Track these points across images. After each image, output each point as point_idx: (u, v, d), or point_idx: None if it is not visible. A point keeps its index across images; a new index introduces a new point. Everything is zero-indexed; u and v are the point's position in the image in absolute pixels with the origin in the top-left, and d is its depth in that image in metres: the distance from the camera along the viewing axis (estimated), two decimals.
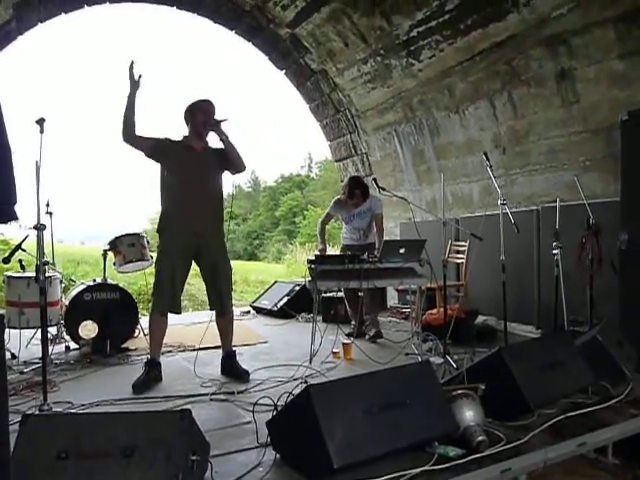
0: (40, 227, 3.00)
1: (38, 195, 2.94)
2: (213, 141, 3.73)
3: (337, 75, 7.05)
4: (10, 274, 4.48)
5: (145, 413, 2.17)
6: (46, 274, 3.11)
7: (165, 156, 3.61)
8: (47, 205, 4.73)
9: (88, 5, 6.21)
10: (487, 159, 4.08)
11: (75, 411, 2.93)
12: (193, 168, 3.60)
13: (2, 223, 1.85)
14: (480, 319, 5.03)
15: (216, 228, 3.75)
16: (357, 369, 3.81)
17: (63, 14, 6.12)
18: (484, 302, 5.29)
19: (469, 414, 2.22)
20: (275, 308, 6.38)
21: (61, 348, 4.49)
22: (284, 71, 7.74)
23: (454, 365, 3.78)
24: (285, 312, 6.20)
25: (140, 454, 1.72)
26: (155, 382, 3.54)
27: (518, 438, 2.27)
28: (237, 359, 3.83)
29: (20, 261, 4.49)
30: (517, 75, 5.00)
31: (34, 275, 2.99)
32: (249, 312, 6.74)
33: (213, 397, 3.21)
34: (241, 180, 47.08)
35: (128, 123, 3.50)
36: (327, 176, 34.11)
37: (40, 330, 3.23)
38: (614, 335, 3.14)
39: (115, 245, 4.73)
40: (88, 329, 4.28)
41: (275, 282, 7.32)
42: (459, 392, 2.31)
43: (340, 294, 5.46)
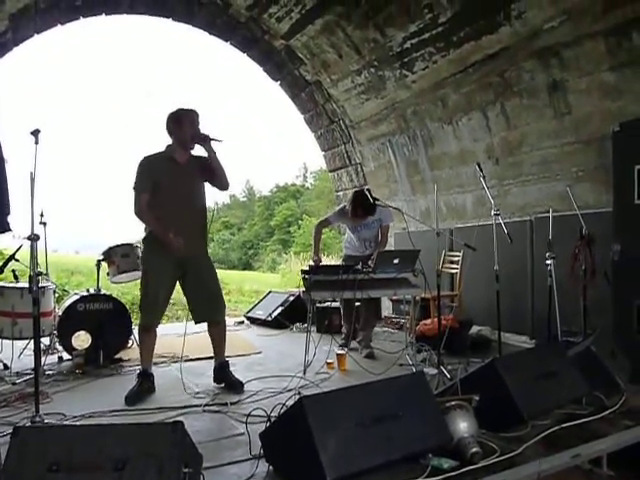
0: (33, 238, 2.99)
1: (32, 206, 2.93)
2: (195, 150, 3.66)
3: (331, 86, 7.09)
4: (3, 284, 4.46)
5: (137, 425, 2.15)
6: (39, 284, 3.09)
7: (153, 178, 3.54)
8: (41, 215, 4.71)
9: (84, 17, 6.23)
10: (480, 170, 4.11)
11: (67, 423, 2.91)
12: (177, 182, 3.54)
13: None
14: (474, 329, 5.04)
15: (201, 242, 3.73)
16: (351, 380, 3.81)
17: (59, 25, 6.14)
18: (478, 312, 5.30)
19: (463, 425, 2.21)
20: (269, 318, 6.36)
21: (54, 359, 4.46)
22: (279, 82, 7.78)
23: (448, 376, 3.77)
24: (279, 322, 6.18)
25: (132, 467, 1.70)
26: (148, 393, 3.53)
27: (512, 449, 2.26)
28: (230, 369, 3.81)
29: (14, 271, 4.49)
30: (509, 87, 5.04)
31: (27, 285, 2.98)
32: (243, 322, 6.71)
33: (206, 408, 3.20)
34: (236, 190, 47.07)
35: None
36: (322, 186, 34.18)
37: (33, 341, 3.21)
38: (608, 346, 3.15)
39: (109, 255, 4.73)
40: (81, 340, 4.26)
41: (269, 292, 7.30)
42: (453, 403, 2.31)
43: (334, 304, 5.45)
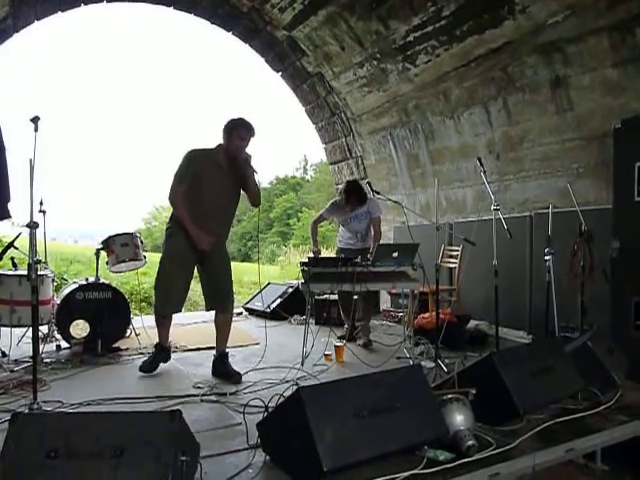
0: (33, 225, 2.98)
1: (32, 194, 2.92)
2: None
3: (333, 78, 7.07)
4: (2, 272, 4.45)
5: (135, 413, 2.17)
6: (38, 272, 3.09)
7: (195, 173, 3.63)
8: (40, 203, 4.69)
9: (85, 4, 6.20)
10: (481, 164, 4.10)
11: (65, 410, 2.92)
12: (216, 181, 3.65)
13: None
14: (472, 324, 5.05)
15: (223, 239, 3.87)
16: (349, 372, 3.82)
17: (60, 12, 6.11)
18: (476, 307, 5.31)
19: (459, 418, 2.23)
20: (268, 310, 6.36)
21: (52, 347, 4.47)
22: (280, 73, 7.75)
23: (445, 369, 3.79)
24: (278, 314, 6.19)
25: (130, 454, 1.72)
26: (163, 362, 3.86)
27: (507, 443, 2.28)
28: (230, 361, 3.84)
29: (12, 259, 4.49)
30: (512, 82, 5.03)
31: (26, 273, 2.97)
32: (241, 313, 6.71)
33: (204, 398, 3.21)
34: None
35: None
36: (322, 178, 34.11)
37: (31, 329, 3.22)
38: (604, 342, 3.16)
39: (108, 244, 4.72)
40: (80, 328, 4.26)
41: (268, 283, 7.31)
42: (450, 396, 2.32)
43: (333, 297, 5.46)
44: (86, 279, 4.70)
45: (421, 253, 4.25)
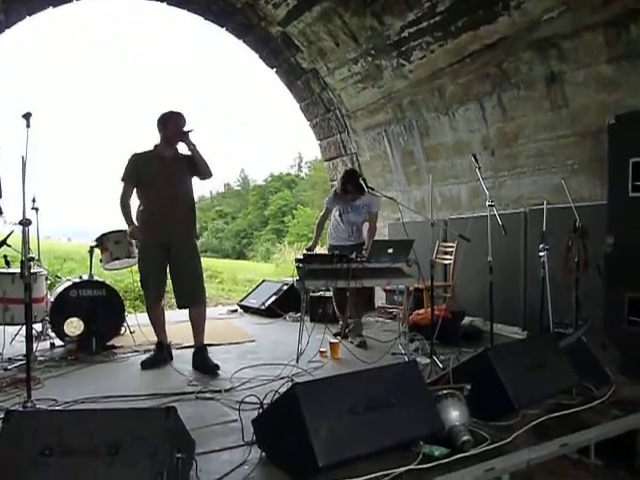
0: (25, 222, 2.96)
1: (24, 190, 2.91)
2: (183, 149, 3.97)
3: (328, 74, 7.05)
4: None
5: (130, 410, 2.15)
6: (31, 270, 3.07)
7: (140, 172, 3.90)
8: (33, 201, 4.67)
9: None
10: (476, 161, 4.10)
11: (59, 408, 2.91)
12: (165, 176, 3.87)
13: None
14: (467, 320, 5.06)
15: (188, 230, 4.00)
16: (344, 368, 3.81)
17: (51, 7, 6.07)
18: (471, 303, 5.32)
19: (454, 414, 2.23)
20: (263, 307, 6.36)
21: (46, 345, 4.45)
22: (275, 69, 7.73)
23: (440, 365, 3.79)
24: (273, 311, 6.18)
25: (125, 451, 1.71)
26: (164, 363, 3.95)
27: (502, 438, 2.29)
28: (207, 354, 3.96)
29: (5, 257, 4.45)
30: (507, 78, 5.03)
31: (19, 271, 2.96)
32: (236, 311, 6.72)
33: (199, 395, 3.20)
34: (230, 178, 46.93)
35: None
36: (317, 176, 34.07)
37: (25, 327, 3.20)
38: (598, 337, 3.17)
39: (102, 242, 4.70)
40: (73, 326, 4.25)
41: (263, 281, 7.30)
42: (445, 392, 2.32)
43: (328, 293, 5.45)
44: (80, 277, 4.68)
45: (416, 249, 4.25)
